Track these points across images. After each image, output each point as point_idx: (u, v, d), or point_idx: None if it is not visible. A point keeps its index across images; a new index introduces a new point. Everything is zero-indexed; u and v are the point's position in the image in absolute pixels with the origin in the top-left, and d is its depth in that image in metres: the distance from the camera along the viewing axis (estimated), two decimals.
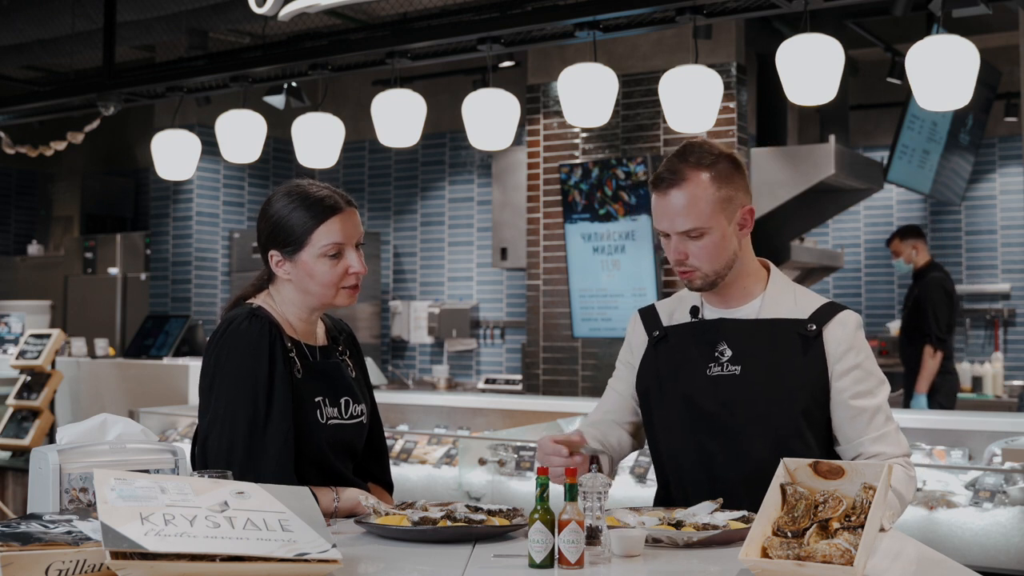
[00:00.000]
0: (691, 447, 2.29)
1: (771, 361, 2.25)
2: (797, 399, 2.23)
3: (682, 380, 2.31)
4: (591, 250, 6.35)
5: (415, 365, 9.14)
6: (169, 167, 6.29)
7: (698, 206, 2.23)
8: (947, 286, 6.51)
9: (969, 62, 4.19)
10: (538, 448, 2.19)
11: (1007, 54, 7.15)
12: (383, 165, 9.39)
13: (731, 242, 2.27)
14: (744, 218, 2.29)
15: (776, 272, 2.37)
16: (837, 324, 2.25)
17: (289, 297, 2.33)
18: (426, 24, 5.60)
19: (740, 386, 2.25)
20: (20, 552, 1.60)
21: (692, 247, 2.25)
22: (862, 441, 2.24)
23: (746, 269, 2.32)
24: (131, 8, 6.23)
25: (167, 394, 6.30)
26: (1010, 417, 4.61)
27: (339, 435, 2.32)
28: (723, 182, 2.25)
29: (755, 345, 2.27)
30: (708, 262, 2.26)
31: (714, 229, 2.24)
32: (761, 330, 2.28)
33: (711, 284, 2.29)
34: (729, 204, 2.26)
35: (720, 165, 2.26)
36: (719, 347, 2.29)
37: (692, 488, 2.27)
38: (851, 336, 2.25)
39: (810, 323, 2.26)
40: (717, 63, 5.79)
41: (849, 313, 2.29)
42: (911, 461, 2.27)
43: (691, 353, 2.32)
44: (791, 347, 2.25)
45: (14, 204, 11.05)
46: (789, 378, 2.23)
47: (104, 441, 2.06)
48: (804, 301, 2.31)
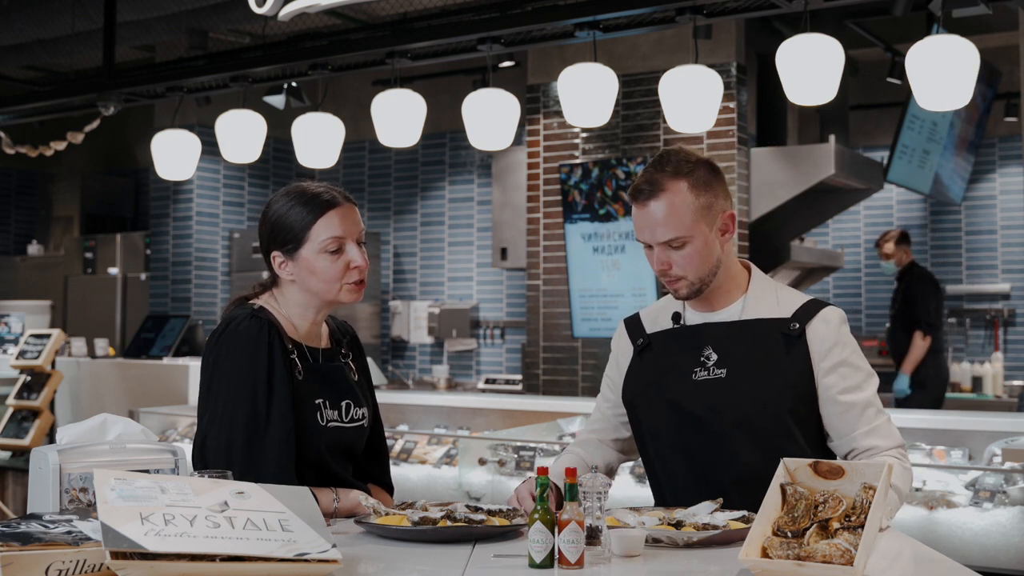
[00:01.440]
0: (679, 453, 2.29)
1: (756, 362, 2.25)
2: (784, 399, 2.22)
3: (668, 386, 2.30)
4: (591, 250, 6.34)
5: (415, 365, 9.14)
6: (169, 167, 6.29)
7: (678, 215, 2.23)
8: (933, 278, 6.92)
9: (969, 62, 4.19)
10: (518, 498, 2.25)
11: (1007, 54, 7.15)
12: (383, 165, 9.39)
13: (714, 248, 2.27)
14: (725, 223, 2.29)
15: (757, 272, 2.37)
16: (820, 321, 2.25)
17: (293, 298, 2.32)
18: (426, 24, 5.60)
19: (726, 389, 2.24)
20: (20, 552, 1.60)
21: (675, 256, 2.25)
22: (854, 436, 2.23)
23: (729, 273, 2.32)
24: (131, 8, 6.23)
25: (167, 394, 6.30)
26: (1010, 417, 4.61)
27: (338, 438, 2.31)
28: (702, 189, 2.25)
29: (739, 347, 2.27)
30: (693, 270, 2.26)
31: (696, 237, 2.24)
32: (744, 332, 2.28)
33: (697, 292, 2.29)
34: (709, 211, 2.25)
35: (698, 172, 2.25)
36: (704, 351, 2.29)
37: (684, 494, 2.26)
38: (835, 332, 2.25)
39: (793, 322, 2.25)
40: (717, 63, 5.79)
41: (832, 309, 2.28)
42: (905, 452, 2.27)
43: (676, 359, 2.32)
44: (775, 347, 2.25)
45: (14, 204, 11.05)
46: (775, 378, 2.23)
47: (104, 441, 2.06)
48: (786, 300, 2.31)
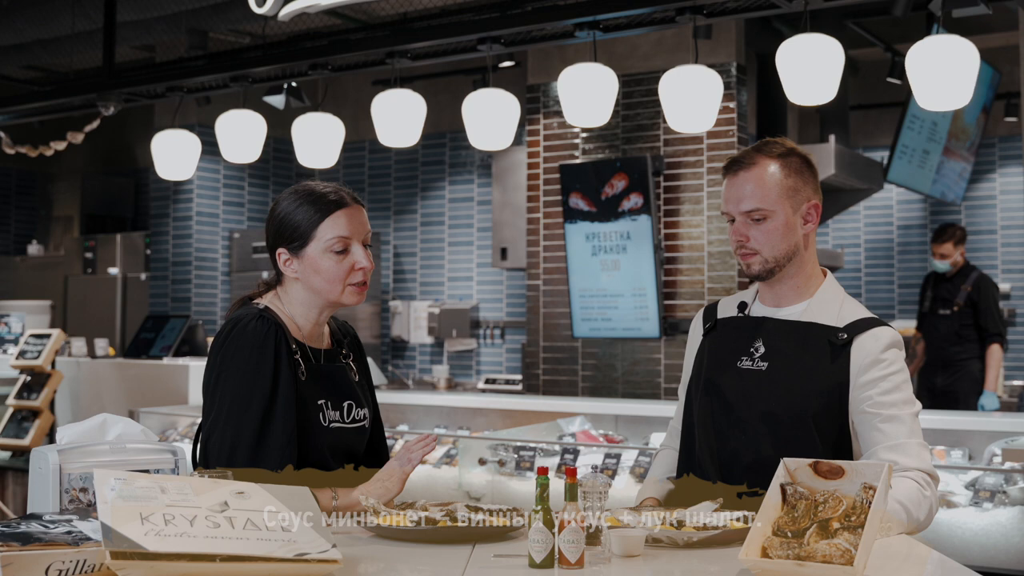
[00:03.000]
0: (708, 432, 2.34)
1: (797, 362, 2.27)
2: (810, 403, 2.24)
3: (714, 368, 2.37)
4: (591, 250, 6.34)
5: (415, 365, 9.13)
6: (169, 167, 6.29)
7: (764, 188, 2.28)
8: (996, 285, 6.82)
9: (969, 62, 4.19)
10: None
11: (1007, 54, 7.15)
12: (383, 165, 9.38)
13: (794, 232, 2.30)
14: (809, 212, 2.33)
15: (831, 280, 2.38)
16: (869, 337, 2.25)
17: (297, 297, 2.32)
18: (426, 24, 5.60)
19: (761, 381, 2.28)
20: (20, 552, 1.60)
21: (754, 230, 2.29)
22: (876, 450, 2.20)
23: (805, 269, 2.34)
24: (131, 8, 6.23)
25: (167, 394, 6.29)
26: (1010, 417, 4.61)
27: (340, 439, 2.31)
28: (792, 172, 2.30)
29: (787, 345, 2.29)
30: (768, 246, 2.29)
31: (778, 213, 2.28)
32: (797, 332, 2.30)
33: (769, 271, 2.31)
34: (796, 194, 2.30)
35: (792, 158, 2.32)
36: (755, 343, 2.33)
37: (699, 471, 2.32)
38: (881, 350, 2.23)
39: (843, 332, 2.26)
40: (717, 63, 5.79)
41: (886, 329, 2.27)
42: (931, 481, 2.18)
43: (730, 346, 2.37)
44: (820, 352, 2.26)
45: (14, 204, 11.05)
46: (807, 382, 2.25)
47: (104, 441, 2.06)
48: (848, 312, 2.31)
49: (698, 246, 6.18)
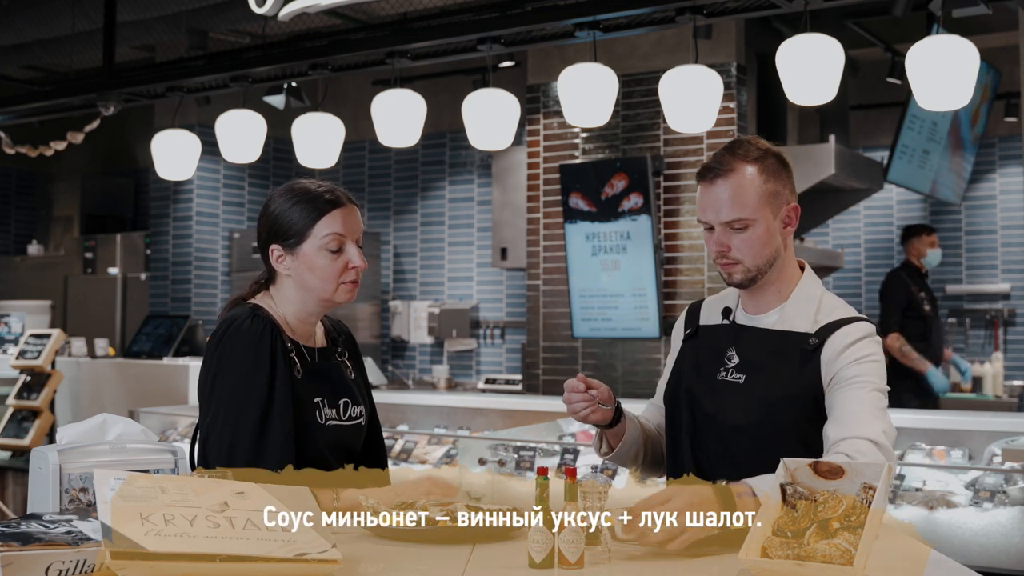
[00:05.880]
0: (690, 442, 2.32)
1: (770, 373, 2.24)
2: (789, 413, 2.21)
3: (692, 379, 2.34)
4: (591, 250, 6.34)
5: (415, 365, 9.13)
6: (169, 167, 6.29)
7: (744, 196, 2.22)
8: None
9: (969, 62, 4.19)
10: (565, 388, 2.28)
11: (1007, 54, 7.14)
12: (383, 165, 9.38)
13: (775, 238, 2.26)
14: (789, 216, 2.28)
15: (808, 277, 2.33)
16: (839, 335, 2.21)
17: (289, 296, 2.33)
18: (426, 24, 5.61)
19: (738, 394, 2.26)
20: (20, 552, 1.60)
21: (735, 239, 2.24)
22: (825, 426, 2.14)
23: (785, 272, 2.31)
24: (131, 8, 6.23)
25: (167, 394, 6.30)
26: (1010, 417, 4.61)
27: (337, 436, 2.32)
28: (770, 176, 2.25)
29: (760, 356, 2.26)
30: (751, 256, 2.24)
31: (759, 222, 2.23)
32: (771, 341, 2.27)
33: (751, 279, 2.27)
34: (775, 198, 2.25)
35: (768, 160, 2.26)
36: (729, 353, 2.30)
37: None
38: (849, 343, 2.20)
39: (814, 337, 2.23)
40: (717, 63, 5.79)
41: (859, 324, 2.23)
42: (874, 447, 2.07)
43: (709, 355, 2.34)
44: (792, 361, 2.23)
45: (14, 204, 11.05)
46: (783, 391, 2.22)
47: (104, 441, 2.06)
48: (825, 313, 2.26)
49: (698, 246, 6.17)
